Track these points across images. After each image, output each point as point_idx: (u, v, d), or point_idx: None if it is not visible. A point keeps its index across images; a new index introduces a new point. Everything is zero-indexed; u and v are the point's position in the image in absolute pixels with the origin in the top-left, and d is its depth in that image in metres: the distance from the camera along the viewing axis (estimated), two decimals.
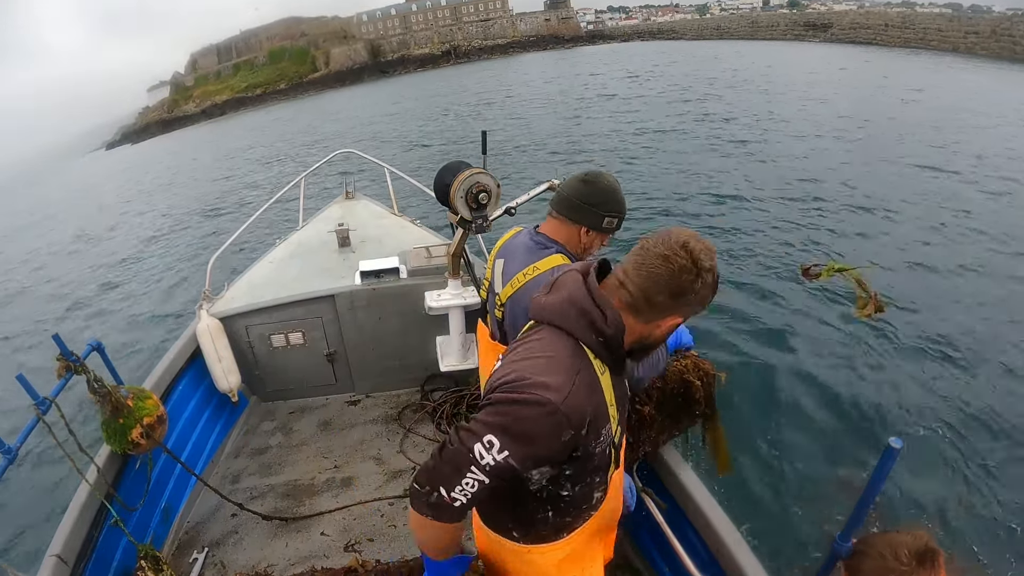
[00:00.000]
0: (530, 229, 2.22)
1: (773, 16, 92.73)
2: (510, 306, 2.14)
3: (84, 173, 52.71)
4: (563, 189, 2.13)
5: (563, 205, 2.10)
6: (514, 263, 2.14)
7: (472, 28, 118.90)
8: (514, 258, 2.16)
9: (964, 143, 14.38)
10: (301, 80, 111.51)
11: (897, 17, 65.19)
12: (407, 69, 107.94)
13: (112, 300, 9.66)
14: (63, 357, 2.46)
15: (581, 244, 2.11)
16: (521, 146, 18.86)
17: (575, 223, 2.08)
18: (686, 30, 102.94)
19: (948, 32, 53.99)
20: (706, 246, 1.23)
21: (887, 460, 1.30)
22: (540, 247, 2.11)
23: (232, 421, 3.83)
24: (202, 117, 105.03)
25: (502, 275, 2.20)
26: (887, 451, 1.29)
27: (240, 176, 23.41)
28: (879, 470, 1.33)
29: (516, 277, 2.09)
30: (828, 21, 75.54)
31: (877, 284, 1.64)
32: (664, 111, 22.34)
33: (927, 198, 10.64)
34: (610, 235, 2.16)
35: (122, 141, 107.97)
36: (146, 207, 19.02)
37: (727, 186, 11.97)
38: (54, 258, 14.07)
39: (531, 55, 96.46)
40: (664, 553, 2.47)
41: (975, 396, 5.27)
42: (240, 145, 36.26)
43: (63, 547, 2.24)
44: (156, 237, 13.09)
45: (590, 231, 2.09)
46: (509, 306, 2.14)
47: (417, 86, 59.72)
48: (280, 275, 4.18)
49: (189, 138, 62.32)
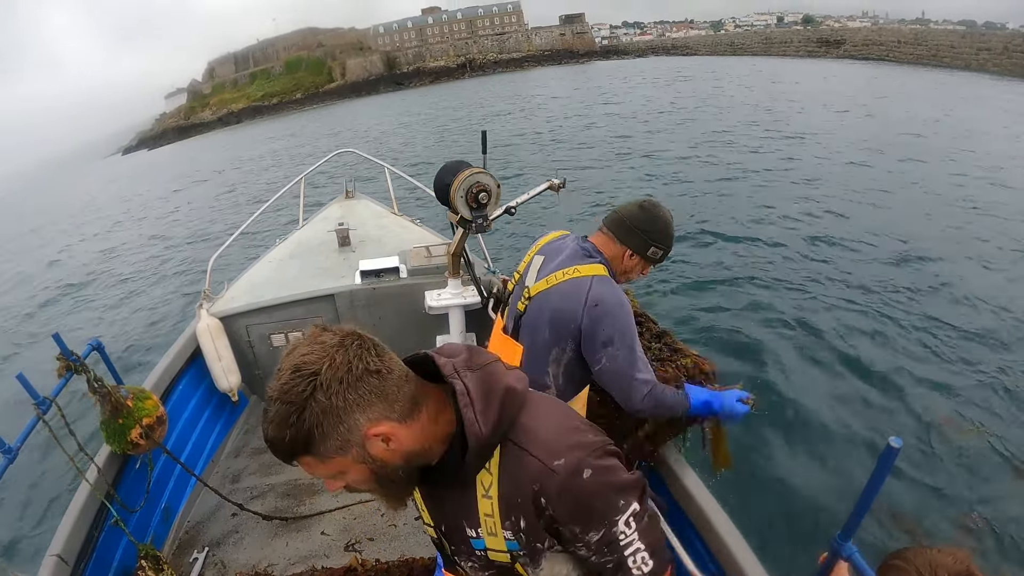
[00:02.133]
0: (578, 236, 2.24)
1: (787, 32, 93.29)
2: (537, 301, 2.14)
3: (97, 177, 53.31)
4: (620, 209, 2.18)
5: (615, 224, 2.14)
6: (554, 262, 2.16)
7: (487, 41, 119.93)
8: (555, 257, 2.17)
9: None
10: (317, 90, 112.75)
11: (910, 34, 65.09)
12: (422, 81, 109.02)
13: (112, 300, 9.72)
14: (63, 356, 2.47)
15: (623, 266, 2.15)
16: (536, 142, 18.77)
17: (622, 244, 2.13)
18: (700, 46, 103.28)
19: (960, 48, 53.68)
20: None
21: (887, 460, 1.26)
22: (585, 254, 2.13)
23: (232, 421, 3.84)
24: (218, 124, 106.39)
25: (538, 271, 2.20)
26: (887, 450, 1.25)
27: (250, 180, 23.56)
28: (879, 470, 1.28)
29: (554, 274, 2.10)
30: (841, 38, 75.57)
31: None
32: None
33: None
34: (652, 266, 2.19)
35: (139, 146, 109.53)
36: (146, 210, 19.05)
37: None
38: (57, 258, 14.13)
39: (546, 69, 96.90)
40: None
41: (980, 396, 5.23)
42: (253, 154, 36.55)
43: (63, 547, 2.24)
44: (156, 237, 13.15)
45: (634, 255, 2.12)
46: (536, 301, 2.15)
47: (431, 99, 59.96)
48: (280, 275, 4.18)
49: (204, 145, 62.94)
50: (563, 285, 2.06)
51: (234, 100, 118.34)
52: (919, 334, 6.29)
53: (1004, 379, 5.40)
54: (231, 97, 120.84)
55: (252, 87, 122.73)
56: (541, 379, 2.12)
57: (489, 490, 1.11)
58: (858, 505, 1.37)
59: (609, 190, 12.88)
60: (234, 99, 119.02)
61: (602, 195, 12.49)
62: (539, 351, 2.12)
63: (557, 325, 2.05)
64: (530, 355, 2.15)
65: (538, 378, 2.11)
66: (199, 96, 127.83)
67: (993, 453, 4.56)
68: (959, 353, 5.88)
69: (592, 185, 13.49)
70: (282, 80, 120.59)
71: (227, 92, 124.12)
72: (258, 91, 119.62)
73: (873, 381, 5.52)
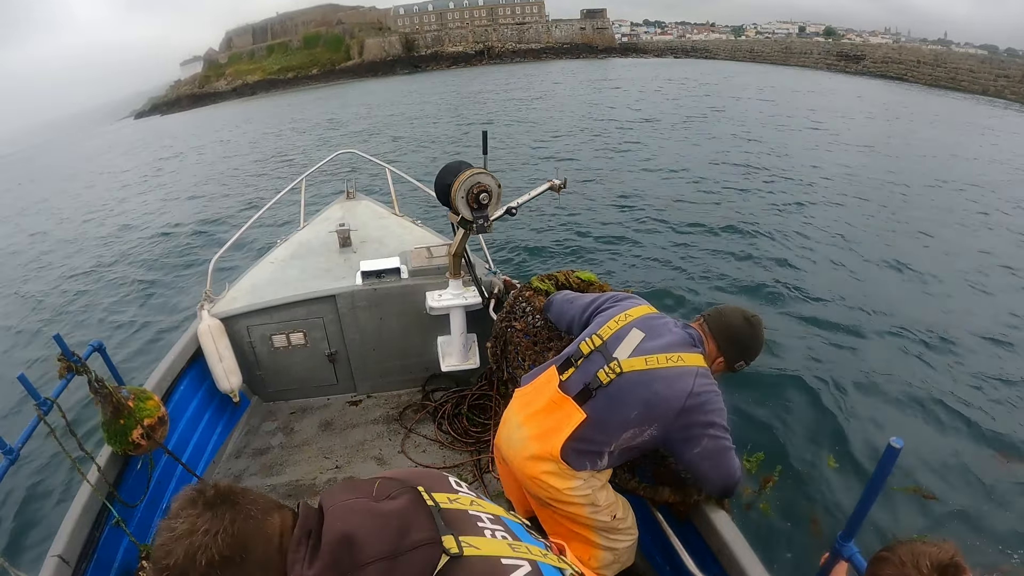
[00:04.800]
0: (680, 321, 2.23)
1: (807, 43, 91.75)
2: (631, 378, 2.04)
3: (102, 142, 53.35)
4: (726, 312, 2.20)
5: (719, 329, 2.16)
6: (658, 341, 2.10)
7: (507, 30, 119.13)
8: (658, 337, 2.12)
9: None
10: (334, 67, 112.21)
11: (930, 54, 64.09)
12: (439, 65, 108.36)
13: (112, 300, 9.68)
14: (64, 357, 2.47)
15: (711, 365, 2.14)
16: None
17: (719, 349, 2.15)
18: (719, 50, 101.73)
19: (979, 73, 52.97)
20: None
21: (888, 460, 1.29)
22: (691, 343, 2.11)
23: (233, 421, 3.86)
24: (232, 95, 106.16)
25: (636, 346, 2.11)
26: (888, 451, 1.28)
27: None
28: (880, 470, 1.32)
29: (657, 356, 2.05)
30: (861, 53, 74.25)
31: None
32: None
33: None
34: (728, 372, 2.22)
35: (151, 112, 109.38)
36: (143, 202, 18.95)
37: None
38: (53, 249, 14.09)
39: (564, 62, 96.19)
40: (666, 554, 2.46)
41: (983, 396, 5.32)
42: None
43: (65, 547, 2.25)
44: (157, 236, 13.10)
45: (723, 362, 2.16)
46: (629, 377, 2.04)
47: (449, 85, 59.56)
48: (281, 275, 4.18)
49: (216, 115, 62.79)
50: (668, 371, 2.01)
51: (250, 72, 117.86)
52: (922, 334, 6.40)
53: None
54: (247, 68, 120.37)
55: (269, 60, 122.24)
56: (600, 449, 2.05)
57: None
58: (859, 506, 1.39)
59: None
60: (250, 71, 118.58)
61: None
62: (614, 426, 2.04)
63: (651, 408, 1.99)
64: (598, 426, 2.05)
65: (596, 447, 2.05)
66: (215, 65, 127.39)
67: (998, 453, 4.64)
68: (971, 354, 6.00)
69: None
70: (299, 55, 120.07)
71: (243, 63, 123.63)
72: (274, 64, 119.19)
73: (875, 380, 5.59)
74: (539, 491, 2.14)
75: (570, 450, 2.04)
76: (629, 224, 10.65)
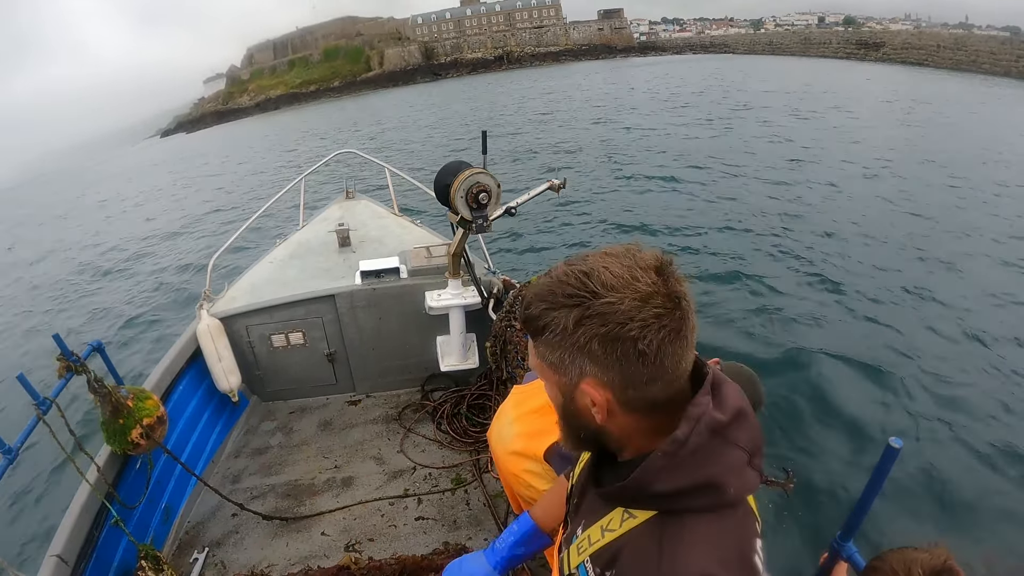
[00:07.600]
0: None
1: (825, 33, 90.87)
2: None
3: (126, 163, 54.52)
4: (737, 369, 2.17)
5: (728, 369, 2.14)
6: None
7: (525, 35, 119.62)
8: None
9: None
10: (355, 79, 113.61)
11: (950, 38, 62.77)
12: (459, 72, 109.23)
13: (112, 300, 9.86)
14: (63, 357, 2.47)
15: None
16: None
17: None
18: (738, 44, 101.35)
19: (1000, 55, 51.70)
20: None
21: (887, 460, 1.26)
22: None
23: (232, 421, 3.87)
24: (256, 110, 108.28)
25: None
26: (887, 451, 1.25)
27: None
28: (879, 470, 1.29)
29: None
30: (880, 40, 72.98)
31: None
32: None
33: None
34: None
35: (176, 130, 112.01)
36: (147, 208, 19.27)
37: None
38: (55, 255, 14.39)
39: (584, 64, 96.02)
40: None
41: (984, 396, 5.19)
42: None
43: (63, 547, 2.25)
44: (156, 237, 13.29)
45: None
46: None
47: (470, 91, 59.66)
48: (280, 275, 4.19)
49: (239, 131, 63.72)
50: None
51: (272, 87, 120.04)
52: (924, 335, 6.28)
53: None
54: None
55: (290, 74, 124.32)
56: None
57: (611, 526, 1.00)
58: (858, 506, 1.37)
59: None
60: (272, 86, 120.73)
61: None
62: None
63: None
64: None
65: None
66: (237, 82, 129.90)
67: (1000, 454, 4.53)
68: (973, 355, 5.86)
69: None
70: (320, 68, 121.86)
71: (265, 78, 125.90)
72: (296, 78, 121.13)
73: (875, 380, 5.49)
74: (521, 489, 2.13)
75: (555, 454, 2.03)
76: (630, 224, 10.61)
